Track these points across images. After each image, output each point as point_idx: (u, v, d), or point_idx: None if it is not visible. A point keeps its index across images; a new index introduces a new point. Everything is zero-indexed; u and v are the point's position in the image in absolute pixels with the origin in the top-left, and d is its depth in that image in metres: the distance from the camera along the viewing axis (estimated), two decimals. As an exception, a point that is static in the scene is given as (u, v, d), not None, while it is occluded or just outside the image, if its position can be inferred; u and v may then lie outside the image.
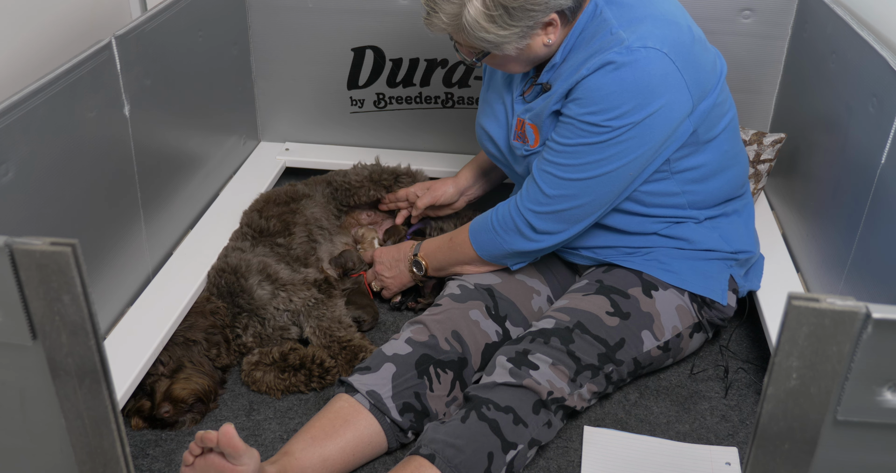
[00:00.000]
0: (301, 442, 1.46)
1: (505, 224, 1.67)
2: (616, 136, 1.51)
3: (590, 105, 1.50)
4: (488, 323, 1.68)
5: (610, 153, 1.53)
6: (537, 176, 1.60)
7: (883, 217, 1.45)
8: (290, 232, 1.93)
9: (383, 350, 1.60)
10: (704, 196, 1.69)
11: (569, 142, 1.55)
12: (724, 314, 1.74)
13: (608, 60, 1.47)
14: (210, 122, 2.06)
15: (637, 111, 1.49)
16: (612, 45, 1.48)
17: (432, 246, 1.85)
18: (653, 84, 1.48)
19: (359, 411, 1.51)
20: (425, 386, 1.55)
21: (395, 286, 1.94)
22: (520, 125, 1.67)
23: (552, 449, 1.58)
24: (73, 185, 1.45)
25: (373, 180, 2.08)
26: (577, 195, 1.58)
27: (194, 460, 1.34)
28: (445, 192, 2.04)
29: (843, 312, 0.62)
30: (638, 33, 1.48)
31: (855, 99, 1.60)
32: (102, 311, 1.58)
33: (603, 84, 1.48)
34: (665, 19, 1.52)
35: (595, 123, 1.51)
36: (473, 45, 1.53)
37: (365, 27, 2.19)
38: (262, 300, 1.78)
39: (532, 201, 1.62)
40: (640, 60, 1.46)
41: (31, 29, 1.78)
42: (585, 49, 1.53)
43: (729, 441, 1.61)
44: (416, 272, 1.88)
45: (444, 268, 1.83)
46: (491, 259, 1.75)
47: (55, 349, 0.68)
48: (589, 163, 1.55)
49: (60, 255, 0.64)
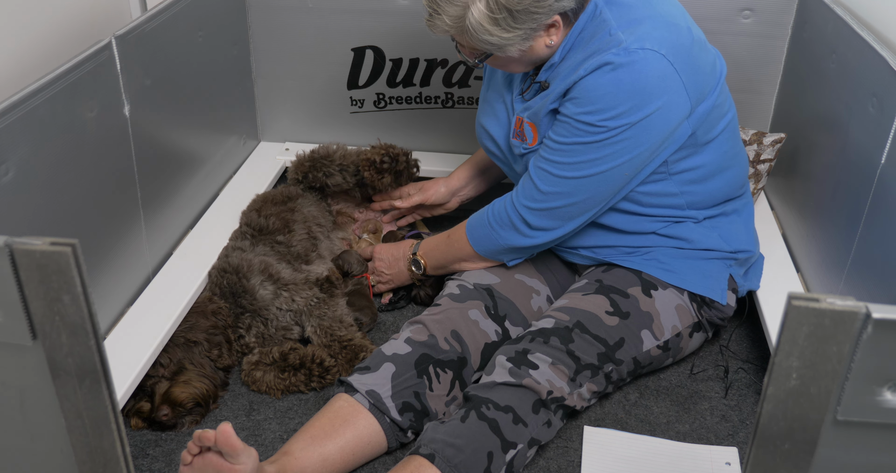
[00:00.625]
0: (300, 442, 1.46)
1: (500, 220, 1.68)
2: (612, 136, 1.51)
3: (586, 105, 1.51)
4: (487, 323, 1.68)
5: (605, 153, 1.53)
6: (533, 172, 1.61)
7: (883, 217, 1.45)
8: (289, 229, 1.94)
9: (383, 350, 1.60)
10: (703, 197, 1.69)
11: (565, 140, 1.55)
12: (724, 314, 1.74)
13: (606, 61, 1.47)
14: (210, 122, 2.06)
15: (633, 112, 1.49)
16: (611, 46, 1.48)
17: (430, 244, 1.86)
18: (650, 86, 1.48)
19: (358, 410, 1.51)
20: (425, 386, 1.55)
21: (393, 284, 1.95)
22: (518, 124, 1.67)
23: (552, 449, 1.58)
24: (73, 185, 1.45)
25: (296, 167, 2.10)
26: (572, 193, 1.59)
27: (192, 459, 1.34)
28: (437, 191, 2.05)
29: (843, 312, 0.62)
30: (636, 35, 1.48)
31: (855, 99, 1.60)
32: (102, 311, 1.58)
33: (600, 85, 1.48)
34: (664, 21, 1.52)
35: (591, 123, 1.51)
36: (476, 47, 1.53)
37: (365, 27, 2.19)
38: (264, 301, 1.78)
39: (527, 197, 1.63)
40: (637, 62, 1.46)
41: (31, 29, 1.78)
42: (584, 49, 1.53)
43: (729, 441, 1.61)
44: (415, 271, 1.89)
45: (443, 266, 1.84)
46: (487, 255, 1.75)
47: (55, 349, 0.68)
48: (584, 161, 1.55)
49: (60, 255, 0.64)
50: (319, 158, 2.09)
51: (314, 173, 2.08)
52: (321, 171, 2.08)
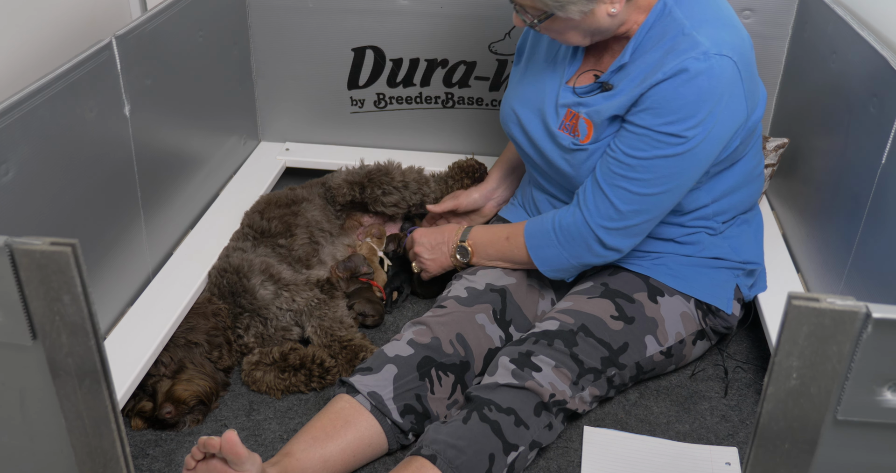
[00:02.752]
0: (302, 443, 1.46)
1: (571, 239, 1.63)
2: (693, 147, 1.48)
3: (667, 115, 1.47)
4: (493, 328, 1.67)
5: (683, 165, 1.51)
6: (609, 191, 1.56)
7: (884, 217, 1.45)
8: (291, 233, 1.93)
9: (385, 351, 1.59)
10: (727, 207, 1.69)
11: (645, 155, 1.51)
12: (728, 323, 1.73)
13: (684, 67, 1.44)
14: (210, 122, 2.06)
15: (709, 120, 1.46)
16: (689, 49, 1.45)
17: (484, 237, 1.79)
18: (723, 93, 1.46)
19: (360, 412, 1.50)
20: (426, 388, 1.55)
21: (434, 269, 1.87)
22: (570, 116, 1.62)
23: (552, 449, 1.58)
24: (73, 185, 1.45)
25: (347, 181, 2.07)
26: (650, 209, 1.56)
27: (196, 464, 1.34)
28: (469, 196, 1.99)
29: (843, 311, 0.62)
30: (712, 38, 1.45)
31: (855, 99, 1.60)
32: (102, 311, 1.57)
33: (681, 93, 1.45)
34: (731, 23, 1.51)
35: (674, 134, 1.48)
36: (536, 6, 1.48)
37: (365, 27, 2.19)
38: (264, 300, 1.78)
39: (603, 217, 1.58)
40: (714, 68, 1.44)
41: (31, 29, 1.78)
42: (656, 49, 1.50)
43: (729, 441, 1.61)
44: (460, 259, 1.83)
45: (492, 261, 1.78)
46: (549, 272, 1.69)
47: (55, 349, 0.68)
48: (663, 176, 1.52)
49: (60, 255, 0.64)
50: (378, 175, 2.05)
51: (371, 190, 2.03)
52: (380, 188, 2.03)
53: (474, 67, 2.22)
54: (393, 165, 2.08)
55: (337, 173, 2.12)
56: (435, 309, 1.70)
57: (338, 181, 2.08)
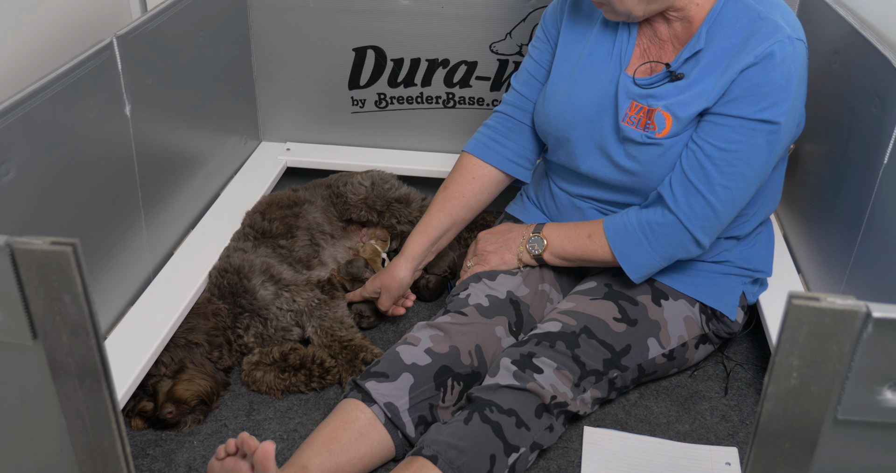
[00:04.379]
0: (318, 456, 1.43)
1: (665, 241, 1.57)
2: (782, 131, 1.48)
3: (761, 101, 1.45)
4: (509, 340, 1.65)
5: (773, 151, 1.50)
6: (705, 190, 1.51)
7: (885, 217, 1.44)
8: (292, 235, 1.93)
9: (401, 357, 1.55)
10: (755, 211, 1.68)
11: (740, 147, 1.48)
12: (731, 329, 1.73)
13: (771, 51, 1.43)
14: (211, 122, 2.07)
15: (793, 105, 1.47)
16: (773, 33, 1.44)
17: (561, 233, 1.70)
18: (801, 77, 1.47)
19: (374, 425, 1.48)
20: (439, 397, 1.54)
21: (493, 260, 1.76)
22: (642, 110, 1.56)
23: (552, 449, 1.58)
24: (73, 185, 1.45)
25: (367, 204, 2.08)
26: (740, 202, 1.54)
27: (226, 457, 1.35)
28: (394, 279, 1.79)
29: (844, 311, 0.62)
30: (788, 22, 1.46)
31: (857, 99, 1.60)
32: (103, 311, 1.58)
33: (773, 78, 1.43)
34: (789, 9, 1.51)
35: (768, 120, 1.45)
36: None
37: (366, 27, 2.19)
38: (264, 301, 1.78)
39: (700, 217, 1.53)
40: (797, 51, 1.44)
41: (31, 29, 1.78)
42: (732, 35, 1.47)
43: (729, 441, 1.61)
44: (530, 250, 1.73)
45: (568, 258, 1.70)
46: (634, 273, 1.61)
47: (55, 349, 0.68)
48: (756, 166, 1.49)
49: (61, 254, 0.64)
50: (399, 207, 2.08)
51: (388, 217, 2.08)
52: (396, 217, 2.08)
53: (475, 67, 2.22)
54: (412, 197, 2.11)
55: (350, 185, 2.10)
56: (455, 315, 1.64)
57: (355, 200, 2.08)
